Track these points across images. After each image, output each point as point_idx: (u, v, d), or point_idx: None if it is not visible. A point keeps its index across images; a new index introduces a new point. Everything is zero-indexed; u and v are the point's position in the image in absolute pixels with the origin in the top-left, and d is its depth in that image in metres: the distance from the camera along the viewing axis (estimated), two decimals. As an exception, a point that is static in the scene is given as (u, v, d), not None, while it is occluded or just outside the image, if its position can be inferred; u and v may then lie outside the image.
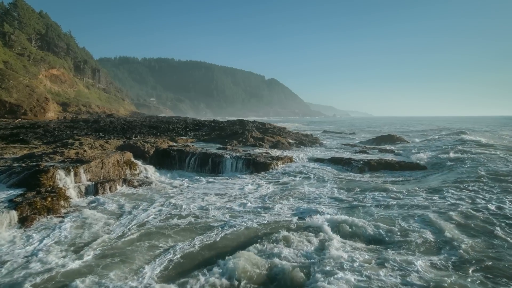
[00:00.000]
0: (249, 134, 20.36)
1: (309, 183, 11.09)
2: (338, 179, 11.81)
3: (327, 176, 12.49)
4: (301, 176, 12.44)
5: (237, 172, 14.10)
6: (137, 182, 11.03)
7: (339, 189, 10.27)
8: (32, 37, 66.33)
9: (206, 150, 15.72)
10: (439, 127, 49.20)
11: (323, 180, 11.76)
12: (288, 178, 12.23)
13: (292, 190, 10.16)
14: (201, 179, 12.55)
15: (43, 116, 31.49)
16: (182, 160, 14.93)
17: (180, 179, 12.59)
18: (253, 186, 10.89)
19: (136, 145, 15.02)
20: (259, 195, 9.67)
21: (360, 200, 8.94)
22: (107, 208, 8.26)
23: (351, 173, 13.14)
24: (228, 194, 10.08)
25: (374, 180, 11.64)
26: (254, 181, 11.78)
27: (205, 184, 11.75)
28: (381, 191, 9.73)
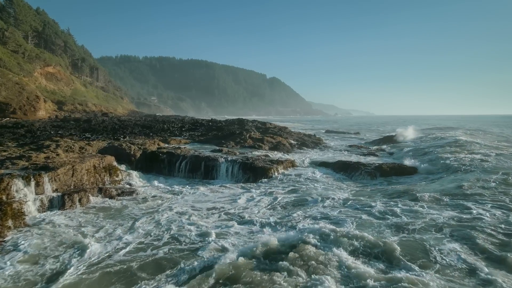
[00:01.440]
0: (248, 135, 18.87)
1: (316, 194, 9.47)
2: (348, 188, 10.29)
3: (335, 184, 10.98)
4: (305, 185, 10.94)
5: (232, 179, 12.64)
6: (116, 191, 9.57)
7: (353, 201, 8.73)
8: (29, 34, 64.97)
9: (199, 152, 14.26)
10: (443, 127, 47.51)
11: (331, 189, 10.23)
12: (290, 187, 10.73)
13: (298, 207, 8.42)
14: (191, 187, 11.09)
15: (33, 115, 30.13)
16: (172, 164, 13.48)
17: (168, 187, 11.12)
18: (250, 199, 9.37)
19: (121, 147, 13.58)
20: (257, 212, 8.08)
21: (383, 216, 7.38)
22: (61, 232, 6.46)
23: (362, 181, 11.61)
24: (221, 209, 8.57)
25: (389, 188, 10.10)
26: (251, 192, 10.25)
27: (195, 194, 10.27)
28: (402, 202, 8.20)
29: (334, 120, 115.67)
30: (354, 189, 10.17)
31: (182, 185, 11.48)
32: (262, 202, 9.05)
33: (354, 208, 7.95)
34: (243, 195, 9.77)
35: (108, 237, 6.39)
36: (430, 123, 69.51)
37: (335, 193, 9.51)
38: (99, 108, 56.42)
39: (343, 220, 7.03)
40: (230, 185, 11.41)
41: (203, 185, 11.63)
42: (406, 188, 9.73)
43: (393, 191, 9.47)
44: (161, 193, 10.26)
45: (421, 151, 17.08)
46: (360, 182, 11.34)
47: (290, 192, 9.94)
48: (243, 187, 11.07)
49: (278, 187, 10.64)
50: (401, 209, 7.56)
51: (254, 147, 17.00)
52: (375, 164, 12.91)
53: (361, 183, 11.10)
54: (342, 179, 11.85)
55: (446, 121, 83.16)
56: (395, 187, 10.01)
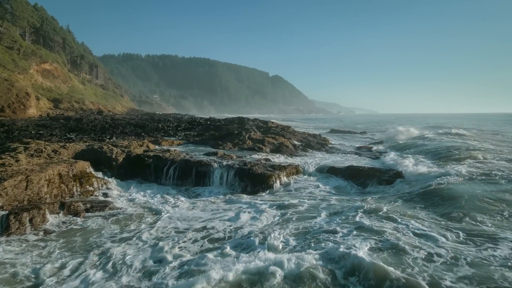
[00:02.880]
0: (247, 135, 17.14)
1: (329, 214, 7.66)
2: (366, 206, 8.47)
3: (351, 199, 9.20)
4: (312, 198, 9.19)
5: (227, 187, 10.95)
6: (84, 206, 7.91)
7: (371, 224, 6.98)
8: (26, 30, 63.69)
9: (191, 156, 12.56)
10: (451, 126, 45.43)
11: (345, 206, 8.45)
12: (294, 199, 8.98)
13: (309, 234, 6.50)
14: (178, 199, 9.41)
15: (23, 113, 28.64)
16: (159, 169, 11.80)
17: (151, 198, 9.44)
18: (244, 221, 7.61)
19: (101, 150, 11.92)
20: (258, 243, 6.19)
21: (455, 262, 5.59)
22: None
23: (380, 190, 9.83)
24: (211, 234, 6.83)
25: (428, 203, 8.30)
26: (248, 208, 8.51)
27: (182, 208, 8.57)
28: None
29: (338, 119, 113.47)
30: (373, 205, 8.37)
31: (169, 195, 9.82)
32: (259, 222, 7.33)
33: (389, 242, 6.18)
34: (239, 213, 8.05)
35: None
36: (436, 122, 67.26)
37: (352, 213, 7.75)
38: (97, 106, 55.00)
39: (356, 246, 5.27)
40: (223, 196, 9.70)
41: (193, 196, 9.97)
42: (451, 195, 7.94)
43: (437, 203, 7.68)
44: (142, 207, 8.59)
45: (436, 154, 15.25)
46: (378, 193, 9.56)
47: (295, 212, 8.17)
48: (237, 200, 9.35)
49: (281, 201, 8.90)
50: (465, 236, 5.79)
51: (253, 149, 15.28)
52: (393, 170, 11.13)
53: (380, 194, 9.32)
54: (357, 191, 10.08)
55: (452, 120, 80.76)
56: (436, 200, 8.19)
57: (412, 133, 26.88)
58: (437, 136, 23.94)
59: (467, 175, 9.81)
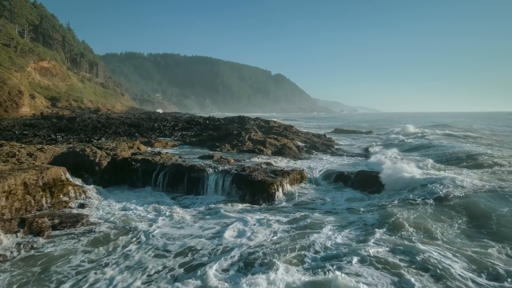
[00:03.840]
0: (247, 136, 15.86)
1: (345, 238, 6.37)
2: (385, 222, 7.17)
3: (367, 213, 7.90)
4: (320, 211, 7.91)
5: (223, 195, 9.72)
6: (50, 222, 6.69)
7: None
8: (25, 27, 62.77)
9: (183, 160, 11.31)
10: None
11: (363, 222, 7.13)
12: (297, 213, 7.70)
13: (311, 264, 5.40)
14: (166, 210, 8.18)
15: (15, 112, 27.59)
16: (147, 175, 10.58)
17: (133, 211, 8.19)
18: (243, 241, 6.35)
19: (83, 153, 10.71)
20: (249, 275, 5.07)
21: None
22: None
23: (403, 203, 8.50)
24: (194, 260, 5.61)
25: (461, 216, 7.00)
26: (244, 226, 7.24)
27: (168, 223, 7.34)
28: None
29: (341, 118, 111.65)
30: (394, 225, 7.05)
31: (156, 206, 8.58)
32: (253, 243, 6.07)
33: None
34: (233, 231, 6.79)
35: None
36: (443, 121, 65.53)
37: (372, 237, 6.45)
38: (95, 105, 53.98)
39: None
40: (218, 208, 8.44)
41: (184, 206, 8.75)
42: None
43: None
44: (122, 221, 7.35)
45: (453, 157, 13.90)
46: (397, 203, 8.24)
47: (298, 229, 6.88)
48: (233, 213, 8.09)
49: (285, 215, 7.63)
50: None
51: (253, 151, 14.00)
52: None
53: (400, 206, 8.00)
54: (371, 205, 8.76)
55: (459, 119, 78.88)
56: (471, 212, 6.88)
57: (421, 133, 25.50)
58: (448, 138, 22.57)
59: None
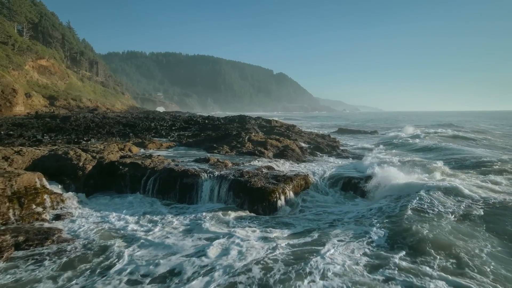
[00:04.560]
0: (247, 137, 14.85)
1: (355, 265, 5.39)
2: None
3: (380, 228, 6.86)
4: (330, 227, 6.88)
5: (220, 203, 8.74)
6: (13, 240, 5.74)
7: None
8: (24, 25, 62.07)
9: (176, 164, 10.33)
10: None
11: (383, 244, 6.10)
12: (303, 226, 6.69)
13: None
14: (153, 223, 7.21)
15: (9, 111, 26.75)
16: (136, 180, 9.60)
17: (115, 223, 7.21)
18: (238, 266, 5.35)
19: (66, 157, 9.75)
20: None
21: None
22: None
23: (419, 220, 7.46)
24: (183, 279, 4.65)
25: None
26: (241, 242, 6.24)
27: (154, 239, 6.36)
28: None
29: (344, 117, 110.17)
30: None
31: (142, 216, 7.62)
32: (247, 259, 5.06)
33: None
34: (225, 250, 5.80)
35: None
36: (448, 120, 64.16)
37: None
38: (94, 104, 53.17)
39: None
40: (211, 219, 7.44)
41: (173, 216, 7.76)
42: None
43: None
44: (101, 236, 6.39)
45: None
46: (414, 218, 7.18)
47: (299, 249, 5.87)
48: (228, 227, 7.10)
49: (282, 229, 6.62)
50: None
51: (254, 153, 12.99)
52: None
53: (418, 220, 6.96)
54: (384, 216, 7.71)
55: (465, 118, 77.39)
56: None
57: (429, 134, 24.40)
58: (457, 140, 21.47)
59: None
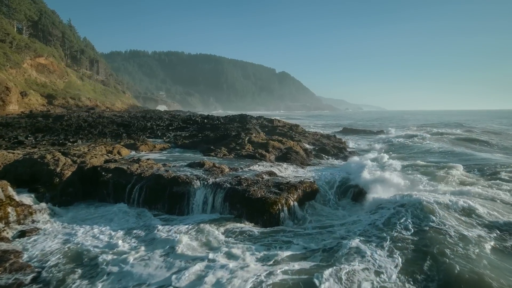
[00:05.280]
0: (247, 138, 13.73)
1: None
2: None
3: (401, 255, 5.71)
4: (338, 251, 5.73)
5: (214, 214, 7.64)
6: (-44, 268, 4.66)
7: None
8: (23, 23, 61.31)
9: (166, 169, 9.23)
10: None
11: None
12: (305, 247, 5.55)
13: None
14: (136, 240, 6.12)
15: (1, 110, 25.86)
16: (120, 188, 8.51)
17: (89, 243, 6.12)
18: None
19: (42, 161, 8.69)
20: None
21: None
22: None
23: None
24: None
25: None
26: (238, 270, 5.13)
27: (126, 266, 5.26)
28: None
29: (347, 116, 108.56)
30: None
31: (122, 232, 6.54)
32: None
33: None
34: (216, 280, 4.69)
35: None
36: (455, 119, 62.56)
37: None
38: (94, 103, 52.26)
39: None
40: (202, 234, 6.32)
41: (158, 231, 6.65)
42: None
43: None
44: (68, 260, 5.31)
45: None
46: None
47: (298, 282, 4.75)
48: (222, 247, 5.97)
49: (282, 250, 5.48)
50: None
51: (254, 156, 11.86)
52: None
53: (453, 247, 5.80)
54: (405, 235, 6.55)
55: (472, 117, 75.66)
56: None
57: (441, 134, 23.13)
58: (472, 143, 20.16)
59: None
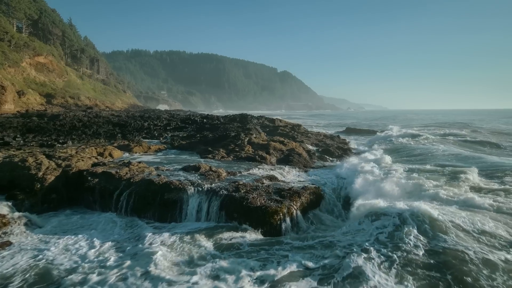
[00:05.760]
0: (246, 139, 12.99)
1: None
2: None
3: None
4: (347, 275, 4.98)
5: (209, 222, 6.91)
6: None
7: None
8: (23, 22, 60.87)
9: (158, 174, 8.48)
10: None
11: None
12: (307, 266, 4.81)
13: None
14: (120, 254, 5.39)
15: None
16: (107, 194, 7.80)
17: (62, 260, 5.40)
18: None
19: (23, 166, 7.99)
20: None
21: None
22: None
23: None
24: None
25: None
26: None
27: (113, 280, 4.54)
28: None
29: (349, 115, 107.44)
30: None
31: (104, 245, 5.81)
32: None
33: None
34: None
35: None
36: (462, 119, 61.40)
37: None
38: (93, 102, 51.72)
39: None
40: (193, 246, 5.59)
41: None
42: None
43: None
44: (37, 280, 4.60)
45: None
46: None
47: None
48: (215, 262, 5.23)
49: (283, 271, 4.74)
50: None
51: (254, 159, 11.12)
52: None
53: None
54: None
55: (474, 116, 74.42)
56: None
57: (453, 135, 22.28)
58: (480, 144, 19.20)
59: None
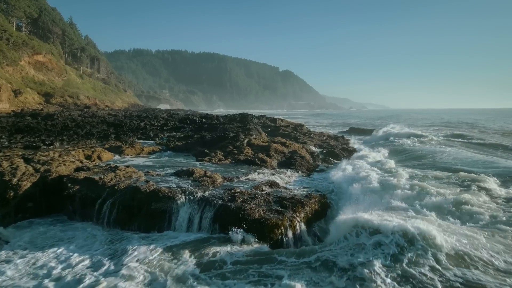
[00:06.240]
0: (246, 140, 12.16)
1: None
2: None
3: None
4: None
5: (203, 233, 6.10)
6: None
7: None
8: (23, 21, 60.38)
9: (147, 180, 7.68)
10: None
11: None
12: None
13: None
14: (91, 276, 4.60)
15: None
16: (88, 203, 7.01)
17: (28, 279, 4.61)
18: None
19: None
20: None
21: None
22: None
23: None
24: None
25: None
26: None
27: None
28: None
29: (351, 114, 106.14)
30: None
31: (83, 262, 5.02)
32: None
33: None
34: None
35: None
36: (468, 118, 60.13)
37: None
38: (93, 101, 51.10)
39: None
40: (182, 261, 4.77)
41: (133, 255, 5.11)
42: None
43: None
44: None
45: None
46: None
47: None
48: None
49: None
50: None
51: (253, 162, 10.30)
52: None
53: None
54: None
55: (479, 116, 73.08)
56: None
57: (467, 137, 21.29)
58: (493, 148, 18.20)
59: None
